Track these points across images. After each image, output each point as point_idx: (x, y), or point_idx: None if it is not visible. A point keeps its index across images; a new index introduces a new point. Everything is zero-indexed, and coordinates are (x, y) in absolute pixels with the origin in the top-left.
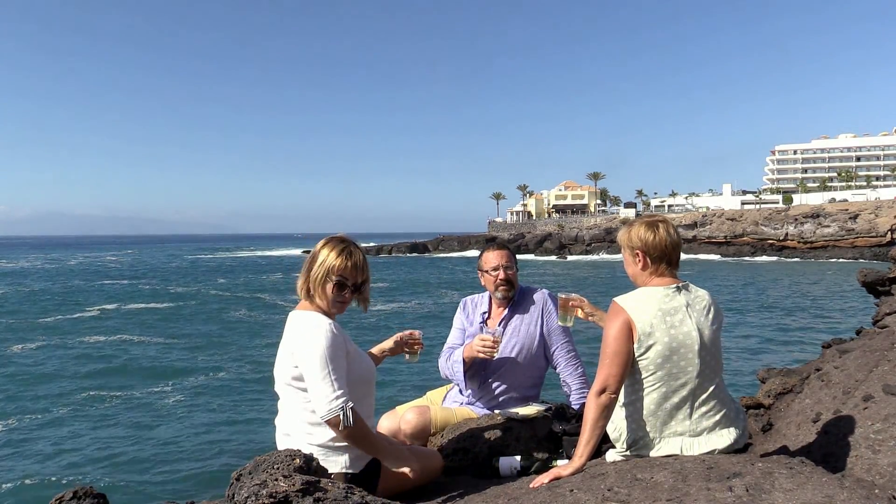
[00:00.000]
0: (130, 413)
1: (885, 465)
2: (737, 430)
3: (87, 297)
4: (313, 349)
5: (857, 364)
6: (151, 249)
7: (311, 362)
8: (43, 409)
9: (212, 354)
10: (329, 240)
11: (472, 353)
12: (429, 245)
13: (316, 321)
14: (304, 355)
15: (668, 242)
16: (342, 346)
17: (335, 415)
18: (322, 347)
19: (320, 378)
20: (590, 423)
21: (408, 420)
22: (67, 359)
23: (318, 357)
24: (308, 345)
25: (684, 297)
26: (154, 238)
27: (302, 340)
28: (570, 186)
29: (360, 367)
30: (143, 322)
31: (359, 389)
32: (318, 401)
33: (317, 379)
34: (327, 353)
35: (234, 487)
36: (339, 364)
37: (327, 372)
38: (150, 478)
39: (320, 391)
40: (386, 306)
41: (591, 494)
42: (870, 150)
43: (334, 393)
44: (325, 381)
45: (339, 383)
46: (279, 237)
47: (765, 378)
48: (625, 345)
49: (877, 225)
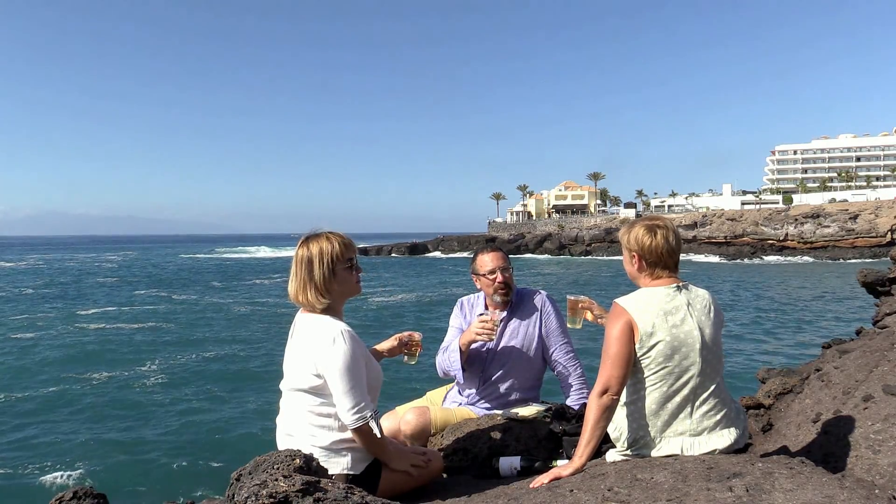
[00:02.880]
0: (130, 413)
1: (886, 465)
2: (737, 429)
3: (86, 297)
4: (340, 360)
5: (857, 364)
6: (151, 249)
7: (340, 372)
8: (42, 409)
9: (211, 354)
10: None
11: (471, 337)
12: (428, 245)
13: (336, 328)
14: (330, 366)
15: (665, 249)
16: (363, 354)
17: (364, 422)
18: (349, 357)
19: (349, 388)
20: (591, 423)
21: (408, 421)
22: (66, 359)
23: (346, 367)
24: (334, 356)
25: (685, 297)
26: (153, 238)
27: (326, 351)
28: (570, 186)
29: (373, 372)
30: (142, 322)
31: (369, 394)
32: (347, 410)
33: (345, 388)
34: (353, 364)
35: (234, 487)
36: (362, 372)
37: (354, 383)
38: (150, 478)
39: (349, 401)
40: (385, 307)
41: (591, 494)
42: (870, 151)
43: (363, 402)
44: (353, 390)
45: (364, 392)
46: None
47: (765, 378)
48: (626, 346)
49: (877, 225)
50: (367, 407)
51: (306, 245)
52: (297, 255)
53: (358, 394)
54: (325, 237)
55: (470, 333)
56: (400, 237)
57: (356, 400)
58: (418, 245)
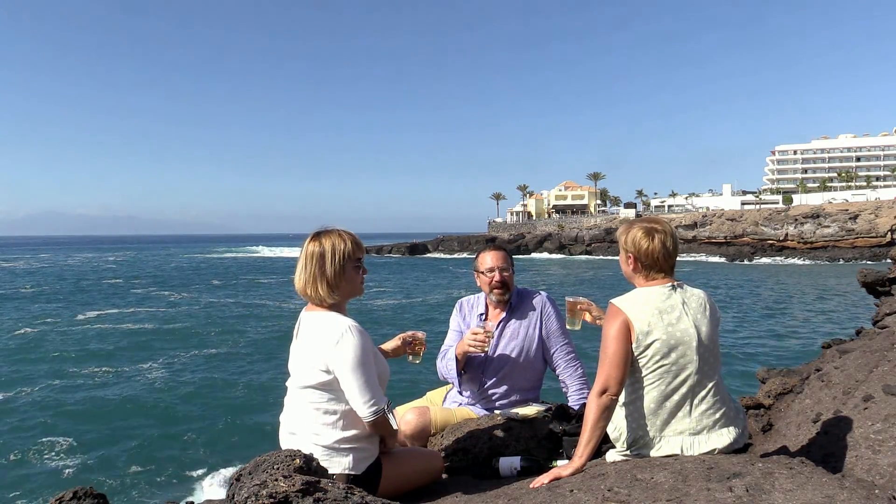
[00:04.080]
0: (129, 413)
1: (886, 465)
2: (737, 428)
3: (86, 297)
4: (352, 355)
5: (857, 364)
6: (151, 249)
7: (352, 368)
8: (42, 409)
9: (212, 354)
10: (326, 233)
11: (464, 349)
12: (429, 245)
13: (344, 324)
14: (341, 361)
15: (661, 254)
16: (372, 348)
17: (380, 415)
18: (360, 352)
19: (362, 383)
20: (590, 423)
21: (408, 421)
22: (66, 359)
23: (358, 361)
24: (345, 350)
25: (680, 296)
26: (153, 238)
27: (336, 346)
28: (570, 187)
29: (380, 367)
30: (142, 322)
31: None
32: (362, 405)
33: (359, 384)
34: (364, 358)
35: (234, 487)
36: (372, 367)
37: (368, 377)
38: (150, 478)
39: (363, 395)
40: (384, 308)
41: (591, 495)
42: (870, 151)
43: (376, 396)
44: (367, 385)
45: (377, 385)
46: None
47: (765, 378)
48: (624, 345)
49: (877, 225)
50: (381, 399)
51: (318, 240)
52: (307, 249)
53: (371, 388)
54: (338, 234)
55: (463, 345)
56: (400, 237)
57: (371, 393)
58: (418, 245)
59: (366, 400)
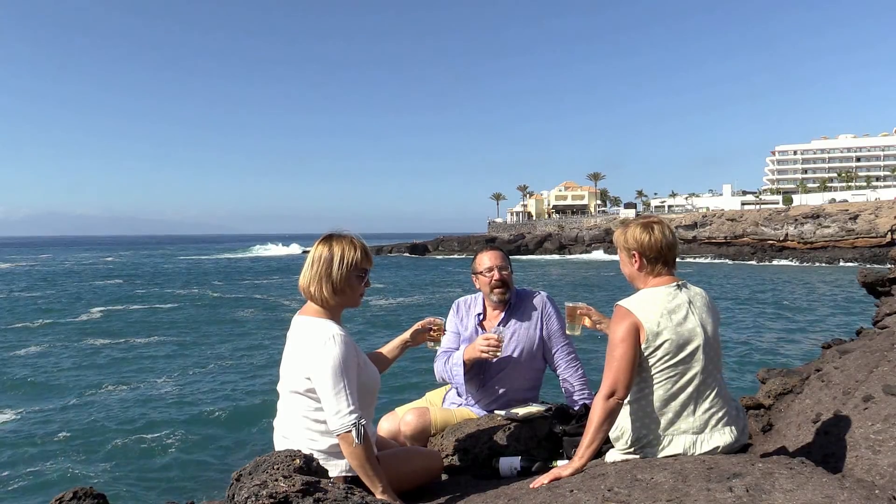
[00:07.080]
0: (129, 413)
1: (886, 465)
2: (738, 428)
3: (85, 297)
4: (328, 362)
5: (858, 364)
6: (151, 250)
7: (326, 376)
8: (41, 408)
9: (212, 354)
10: (338, 237)
11: (475, 354)
12: (428, 246)
13: (329, 331)
14: (318, 368)
15: (664, 243)
16: (354, 358)
17: (347, 430)
18: (338, 361)
19: (335, 392)
20: (595, 425)
21: (407, 421)
22: (65, 359)
23: (334, 371)
24: (323, 358)
25: (686, 295)
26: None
27: (316, 353)
28: (570, 187)
29: (367, 376)
30: (140, 323)
31: (363, 399)
32: (332, 415)
33: (332, 393)
34: (342, 367)
35: (234, 488)
36: (352, 377)
37: (342, 386)
38: (150, 478)
39: (335, 406)
40: (384, 309)
41: (591, 495)
42: (870, 151)
43: (349, 408)
44: (339, 395)
45: (352, 398)
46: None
47: (765, 378)
48: (633, 347)
49: (877, 225)
50: (352, 414)
51: (329, 243)
52: (316, 250)
53: (343, 399)
54: (350, 240)
55: (474, 350)
56: (400, 237)
57: (341, 405)
58: (418, 245)
59: (334, 411)
